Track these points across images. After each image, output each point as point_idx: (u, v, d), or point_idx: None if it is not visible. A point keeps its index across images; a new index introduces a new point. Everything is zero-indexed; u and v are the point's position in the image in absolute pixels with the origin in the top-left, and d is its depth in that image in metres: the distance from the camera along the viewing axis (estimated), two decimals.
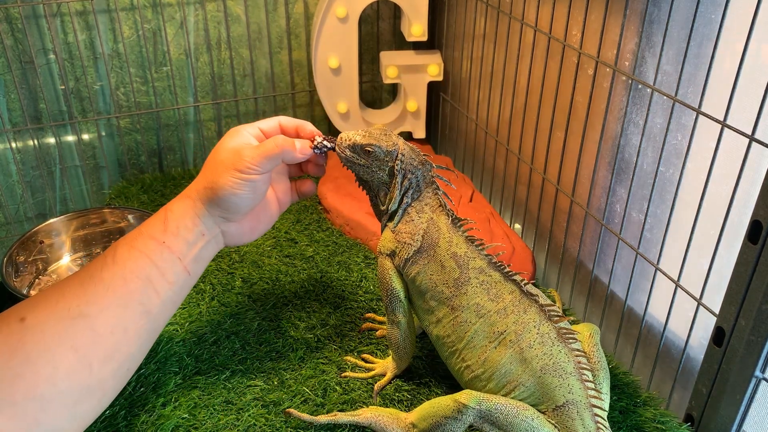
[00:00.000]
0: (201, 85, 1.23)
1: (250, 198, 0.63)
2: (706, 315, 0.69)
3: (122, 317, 0.55)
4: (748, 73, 0.61)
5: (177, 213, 0.62)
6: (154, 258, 0.58)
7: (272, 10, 1.22)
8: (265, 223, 0.70)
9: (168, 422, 0.70)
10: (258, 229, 0.69)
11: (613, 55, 0.78)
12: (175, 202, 0.63)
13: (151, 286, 0.57)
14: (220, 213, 0.63)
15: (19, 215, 1.20)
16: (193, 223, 0.62)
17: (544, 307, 0.66)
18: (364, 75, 1.33)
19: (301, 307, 0.89)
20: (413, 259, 0.71)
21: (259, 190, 0.64)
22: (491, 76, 1.08)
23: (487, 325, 0.67)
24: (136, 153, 1.24)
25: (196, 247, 0.62)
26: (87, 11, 1.11)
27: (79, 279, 0.55)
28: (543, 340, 0.64)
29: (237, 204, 0.63)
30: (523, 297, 0.67)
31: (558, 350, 0.64)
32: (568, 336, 0.65)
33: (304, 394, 0.75)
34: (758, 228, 0.59)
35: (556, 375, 0.63)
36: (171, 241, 0.60)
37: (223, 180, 0.62)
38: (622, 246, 0.82)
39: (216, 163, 0.63)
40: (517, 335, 0.65)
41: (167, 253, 0.59)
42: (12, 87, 1.10)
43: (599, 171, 0.85)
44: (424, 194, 0.72)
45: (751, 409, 0.65)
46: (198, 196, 0.63)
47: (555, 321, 0.65)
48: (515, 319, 0.66)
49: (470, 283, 0.68)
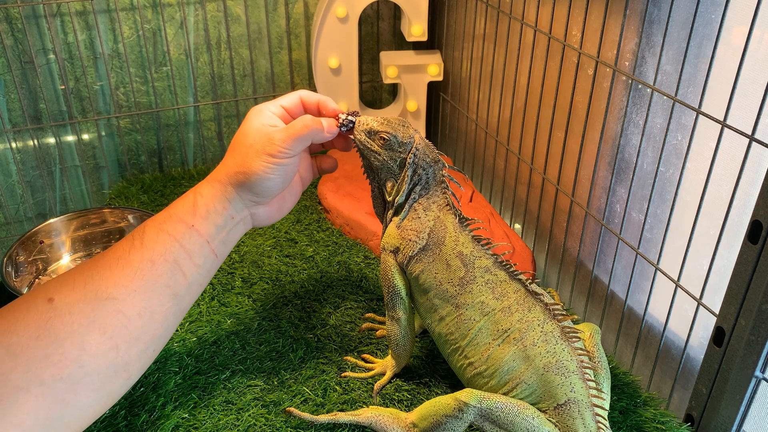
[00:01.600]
0: (201, 85, 1.23)
1: (281, 181, 0.64)
2: (706, 315, 0.69)
3: (150, 300, 0.55)
4: (748, 73, 0.61)
5: (207, 196, 0.62)
6: (183, 241, 0.58)
7: (272, 10, 1.22)
8: (290, 202, 0.70)
9: (168, 422, 0.70)
10: (284, 208, 0.69)
11: (613, 55, 0.78)
12: (204, 185, 0.63)
13: (179, 269, 0.58)
14: (250, 197, 0.63)
15: (19, 215, 1.20)
16: (222, 206, 0.62)
17: (549, 305, 0.66)
18: (364, 75, 1.33)
19: (301, 307, 0.89)
20: (417, 257, 0.71)
21: (290, 172, 0.64)
22: (491, 76, 1.08)
23: (491, 322, 0.67)
24: (136, 153, 1.24)
25: (225, 230, 0.62)
26: (87, 11, 1.11)
27: (107, 261, 0.55)
28: (547, 338, 0.64)
29: (269, 188, 0.63)
30: (528, 296, 0.67)
31: (561, 348, 0.64)
32: (572, 335, 0.65)
33: (304, 394, 0.75)
34: (758, 228, 0.59)
35: (558, 373, 0.63)
36: (200, 225, 0.60)
37: (255, 165, 0.62)
38: (622, 246, 0.82)
39: (245, 146, 0.63)
40: (521, 333, 0.65)
41: (196, 236, 0.59)
42: (12, 87, 1.10)
43: (599, 171, 0.85)
44: (432, 192, 0.72)
45: (751, 409, 0.65)
46: (228, 180, 0.63)
47: (559, 320, 0.65)
48: (520, 317, 0.66)
49: (476, 281, 0.68)
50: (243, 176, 0.62)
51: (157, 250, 0.57)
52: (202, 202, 0.61)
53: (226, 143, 1.30)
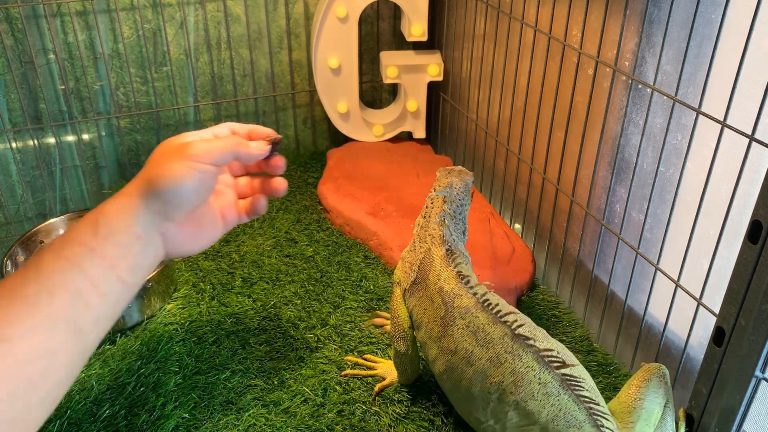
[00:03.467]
0: (201, 85, 1.23)
1: (193, 190, 0.56)
2: (706, 315, 0.69)
3: (49, 339, 0.48)
4: (748, 73, 0.61)
5: (110, 213, 0.54)
6: (84, 267, 0.51)
7: (272, 10, 1.22)
8: (208, 233, 0.62)
9: (168, 422, 0.70)
10: (200, 236, 0.61)
11: (613, 55, 0.78)
12: (107, 202, 0.55)
13: (81, 299, 0.50)
14: (159, 207, 0.55)
15: (19, 215, 1.20)
16: (127, 223, 0.54)
17: (541, 352, 0.60)
18: (364, 75, 1.33)
19: (301, 307, 0.89)
20: (410, 291, 0.70)
21: (206, 184, 0.57)
22: (491, 76, 1.08)
23: (481, 375, 0.62)
24: (136, 153, 1.24)
25: (132, 252, 0.54)
26: (87, 11, 1.11)
27: None
28: (547, 390, 0.59)
29: (180, 194, 0.55)
30: (516, 342, 0.61)
31: (566, 399, 0.59)
32: (573, 383, 0.59)
33: (304, 394, 0.75)
34: (758, 228, 0.59)
35: (568, 425, 0.58)
36: (102, 247, 0.52)
37: (167, 167, 0.55)
38: (622, 246, 0.82)
39: (158, 156, 0.57)
40: (516, 386, 0.60)
41: (98, 260, 0.52)
42: (12, 87, 1.10)
43: (599, 171, 0.85)
44: (431, 222, 0.71)
45: (751, 409, 0.65)
46: (136, 190, 0.55)
47: (556, 368, 0.60)
48: (511, 369, 0.61)
49: (455, 324, 0.65)
50: (152, 182, 0.55)
51: (55, 280, 0.50)
52: (103, 221, 0.53)
53: None
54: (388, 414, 0.73)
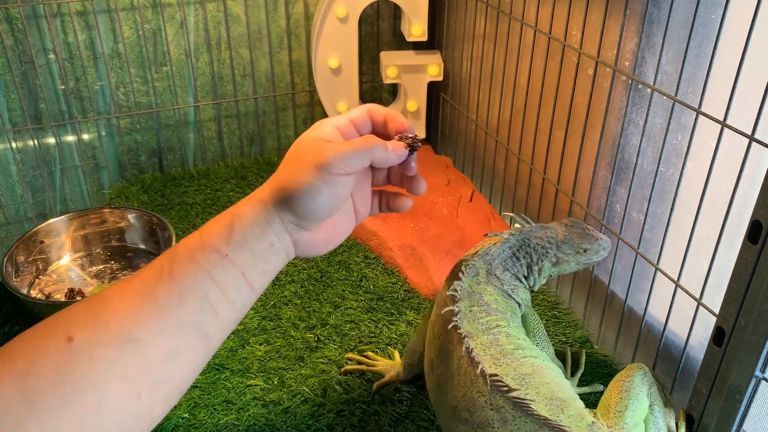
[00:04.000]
0: (201, 85, 1.23)
1: (328, 203, 0.54)
2: (706, 315, 0.69)
3: (176, 341, 0.50)
4: (748, 73, 0.61)
5: (245, 219, 0.54)
6: (215, 274, 0.51)
7: (272, 10, 1.22)
8: (341, 235, 0.60)
9: (168, 422, 0.70)
10: (333, 241, 0.59)
11: (613, 55, 0.78)
12: (245, 206, 0.55)
13: (210, 306, 0.51)
14: (292, 219, 0.54)
15: (19, 215, 1.20)
16: (262, 231, 0.54)
17: (490, 377, 0.60)
18: (364, 75, 1.33)
19: (301, 307, 0.89)
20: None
21: (341, 194, 0.55)
22: (491, 76, 1.08)
23: (442, 394, 0.64)
24: (136, 153, 1.24)
25: (263, 259, 0.54)
26: (87, 11, 1.11)
27: (131, 294, 0.50)
28: (502, 416, 0.59)
29: (313, 210, 0.54)
30: (470, 365, 0.61)
31: (523, 422, 0.58)
32: (524, 406, 0.58)
33: (304, 393, 0.75)
34: (758, 228, 0.59)
35: None
36: (235, 254, 0.52)
37: (301, 179, 0.53)
38: (622, 246, 0.82)
39: (294, 160, 0.55)
40: (470, 413, 0.60)
41: (230, 267, 0.52)
42: (12, 87, 1.10)
43: (599, 171, 0.85)
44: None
45: (751, 409, 0.65)
46: (271, 198, 0.54)
47: (505, 392, 0.59)
48: (463, 393, 0.61)
49: (435, 336, 0.67)
50: (286, 191, 0.53)
51: (186, 285, 0.51)
52: (238, 227, 0.53)
53: (226, 143, 1.30)
54: (388, 414, 0.73)
